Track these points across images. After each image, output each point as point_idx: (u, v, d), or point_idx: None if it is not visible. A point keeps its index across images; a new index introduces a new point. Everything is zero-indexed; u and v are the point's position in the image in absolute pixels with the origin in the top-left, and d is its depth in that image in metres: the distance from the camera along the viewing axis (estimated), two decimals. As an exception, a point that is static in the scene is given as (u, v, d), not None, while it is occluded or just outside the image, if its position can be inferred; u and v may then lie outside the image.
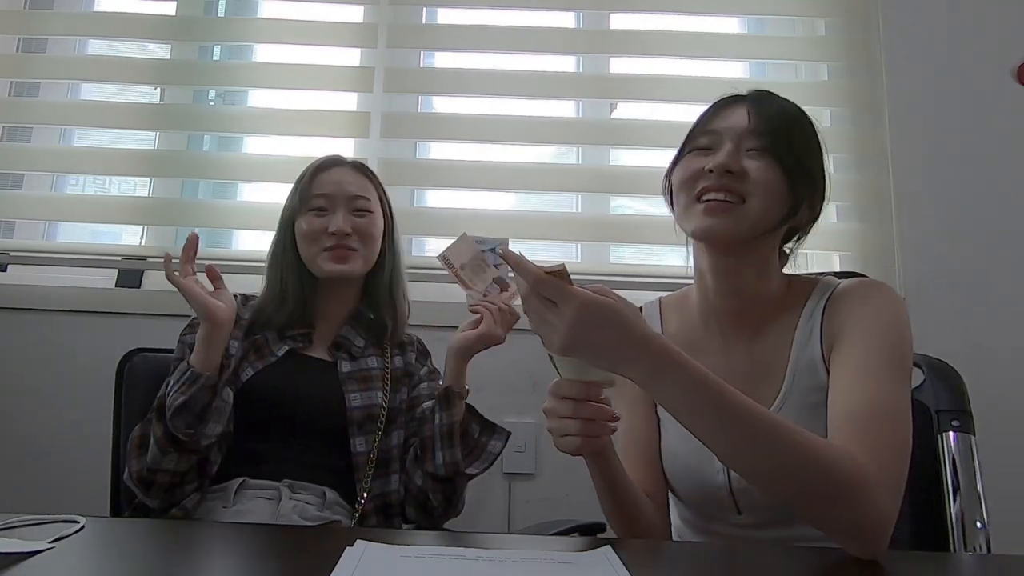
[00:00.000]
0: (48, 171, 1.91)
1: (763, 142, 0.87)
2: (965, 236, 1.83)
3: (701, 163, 0.88)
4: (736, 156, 0.87)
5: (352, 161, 1.28)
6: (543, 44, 1.97)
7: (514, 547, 0.81)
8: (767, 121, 0.88)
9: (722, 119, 0.91)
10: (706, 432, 0.72)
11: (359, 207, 1.21)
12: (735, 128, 0.88)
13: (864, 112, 1.90)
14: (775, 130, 0.88)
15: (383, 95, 1.91)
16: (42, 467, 1.68)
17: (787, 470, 0.71)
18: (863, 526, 0.70)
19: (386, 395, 1.18)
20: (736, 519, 0.91)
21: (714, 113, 0.93)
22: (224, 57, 2.05)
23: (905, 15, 1.92)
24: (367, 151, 1.87)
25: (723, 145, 0.88)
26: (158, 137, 1.95)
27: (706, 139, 0.90)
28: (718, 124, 0.90)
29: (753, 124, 0.88)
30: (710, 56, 1.98)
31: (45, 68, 1.98)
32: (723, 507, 0.91)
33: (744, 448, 0.71)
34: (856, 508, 0.70)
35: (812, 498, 0.71)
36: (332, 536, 0.84)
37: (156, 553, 0.73)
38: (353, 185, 1.23)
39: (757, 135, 0.87)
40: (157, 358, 1.27)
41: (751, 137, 0.88)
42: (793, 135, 0.90)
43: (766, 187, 0.86)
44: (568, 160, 1.99)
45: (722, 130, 0.89)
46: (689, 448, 0.90)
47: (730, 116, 0.90)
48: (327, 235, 1.18)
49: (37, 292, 1.78)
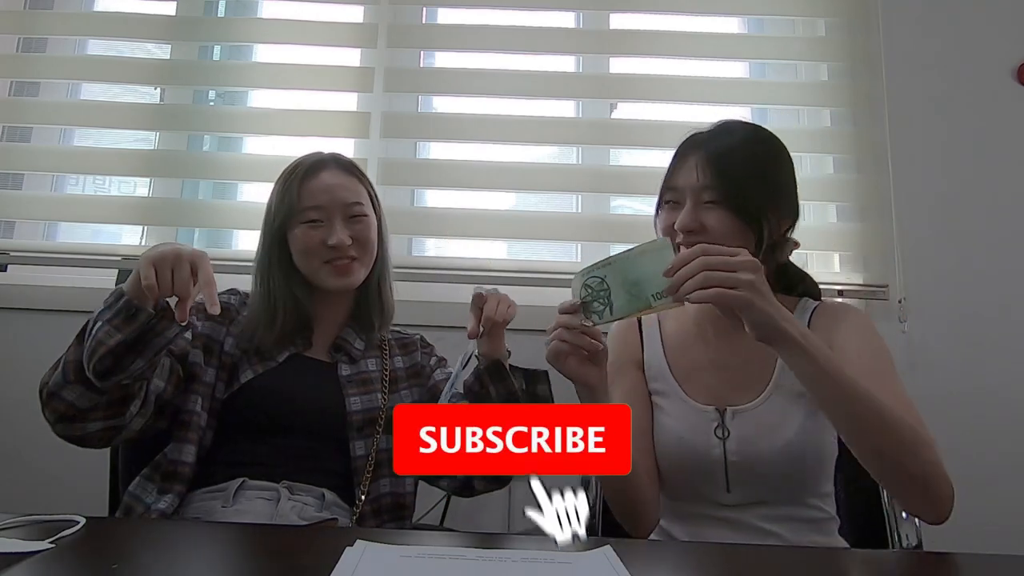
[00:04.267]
0: (48, 171, 1.91)
1: (716, 195, 0.97)
2: (965, 236, 1.83)
3: (672, 219, 1.00)
4: (695, 213, 0.98)
5: (337, 160, 1.23)
6: (543, 44, 1.97)
7: (514, 547, 0.81)
8: (717, 175, 0.97)
9: (681, 174, 1.01)
10: (833, 393, 0.84)
11: (354, 213, 1.18)
12: (691, 185, 0.99)
13: (864, 112, 1.90)
14: (725, 179, 0.97)
15: (383, 95, 1.91)
16: (42, 467, 1.68)
17: (890, 423, 0.83)
18: (938, 482, 0.85)
19: (385, 397, 1.18)
20: (725, 498, 0.98)
21: (676, 166, 1.03)
22: (224, 57, 2.05)
23: (905, 15, 1.92)
24: (367, 151, 1.87)
25: (684, 202, 0.99)
26: (158, 137, 1.95)
27: (671, 195, 1.02)
28: (678, 180, 1.01)
29: (704, 180, 0.98)
30: (710, 56, 1.97)
31: (45, 68, 1.98)
32: (714, 484, 0.98)
33: (857, 402, 0.83)
34: (934, 463, 0.84)
35: (906, 446, 0.84)
36: (332, 536, 0.84)
37: (156, 553, 0.73)
38: (346, 191, 1.18)
39: (710, 189, 0.97)
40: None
41: (705, 191, 0.98)
42: (743, 175, 0.98)
43: (726, 235, 0.96)
44: (568, 160, 1.99)
45: (681, 187, 1.00)
46: (687, 425, 1.00)
47: (686, 170, 1.00)
48: (325, 248, 1.15)
49: (37, 292, 1.78)
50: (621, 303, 0.84)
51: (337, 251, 1.16)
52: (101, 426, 1.00)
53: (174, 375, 1.09)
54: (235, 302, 1.22)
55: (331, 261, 1.16)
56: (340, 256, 1.16)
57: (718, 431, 0.99)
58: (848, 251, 1.86)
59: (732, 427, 0.99)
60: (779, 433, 0.96)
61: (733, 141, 1.02)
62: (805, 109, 1.97)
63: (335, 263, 1.16)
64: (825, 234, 1.90)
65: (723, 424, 0.99)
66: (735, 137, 1.03)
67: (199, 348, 1.14)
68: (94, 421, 0.99)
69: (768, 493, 0.97)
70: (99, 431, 1.01)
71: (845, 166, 1.90)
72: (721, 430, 0.99)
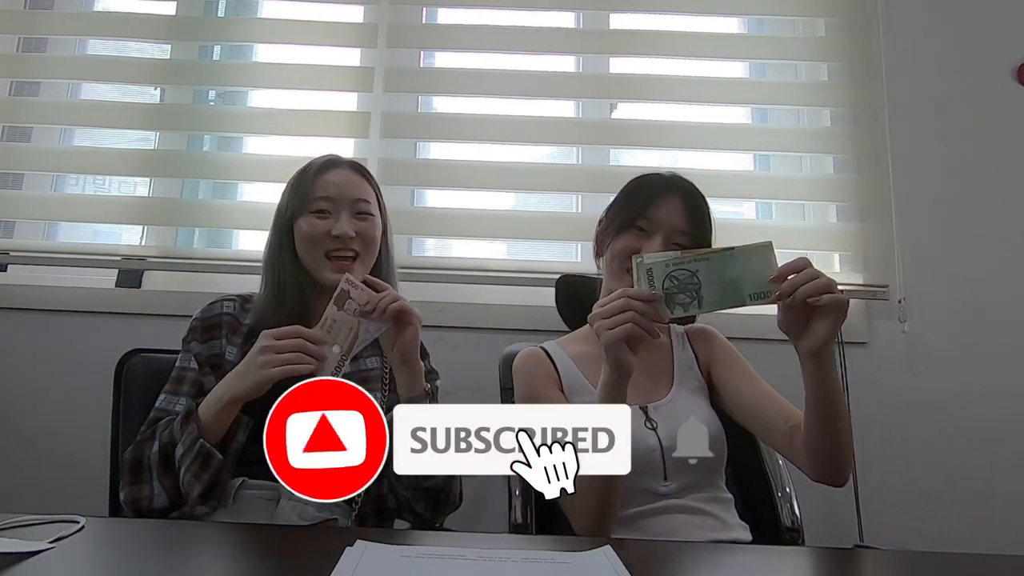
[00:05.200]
0: (48, 171, 1.91)
1: (686, 240, 1.08)
2: (965, 236, 1.83)
3: (637, 245, 1.08)
4: (665, 248, 1.06)
5: (350, 162, 1.27)
6: (543, 44, 1.97)
7: (514, 547, 0.81)
8: (695, 223, 1.10)
9: (663, 210, 1.10)
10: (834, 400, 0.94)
11: (361, 210, 1.20)
12: (670, 223, 1.09)
13: (864, 112, 1.90)
14: (697, 229, 1.09)
15: (383, 95, 1.91)
16: (42, 467, 1.68)
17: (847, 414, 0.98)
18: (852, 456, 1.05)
19: (384, 396, 1.18)
20: (663, 487, 1.05)
21: (653, 198, 1.11)
22: (224, 57, 2.05)
23: (905, 15, 1.92)
24: (367, 151, 1.87)
25: (656, 235, 1.08)
26: (158, 137, 1.95)
27: (645, 223, 1.10)
28: (656, 213, 1.10)
29: (684, 223, 1.09)
30: (710, 56, 1.97)
31: (45, 68, 1.98)
32: (653, 473, 1.05)
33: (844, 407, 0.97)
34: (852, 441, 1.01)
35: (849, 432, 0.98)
36: (332, 536, 0.84)
37: (156, 553, 0.73)
38: (356, 187, 1.21)
39: (684, 234, 1.09)
40: (156, 358, 1.26)
41: (680, 234, 1.09)
42: (707, 229, 1.11)
43: None
44: (568, 160, 1.99)
45: (658, 220, 1.09)
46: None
47: (666, 208, 1.10)
48: (330, 238, 1.17)
49: (37, 292, 1.78)
50: (714, 298, 0.87)
51: (340, 242, 1.16)
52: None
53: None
54: (232, 310, 1.21)
55: (333, 255, 1.17)
56: (342, 249, 1.17)
57: (647, 424, 1.08)
58: (848, 251, 1.86)
59: (656, 419, 1.09)
60: (694, 421, 1.06)
61: (699, 195, 1.14)
62: (805, 109, 1.97)
63: (336, 258, 1.17)
64: (825, 234, 1.90)
65: (648, 418, 1.09)
66: (698, 191, 1.14)
67: (208, 370, 1.14)
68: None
69: (697, 477, 1.07)
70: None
71: (845, 166, 1.90)
72: (649, 423, 1.09)
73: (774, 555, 0.90)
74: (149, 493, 1.02)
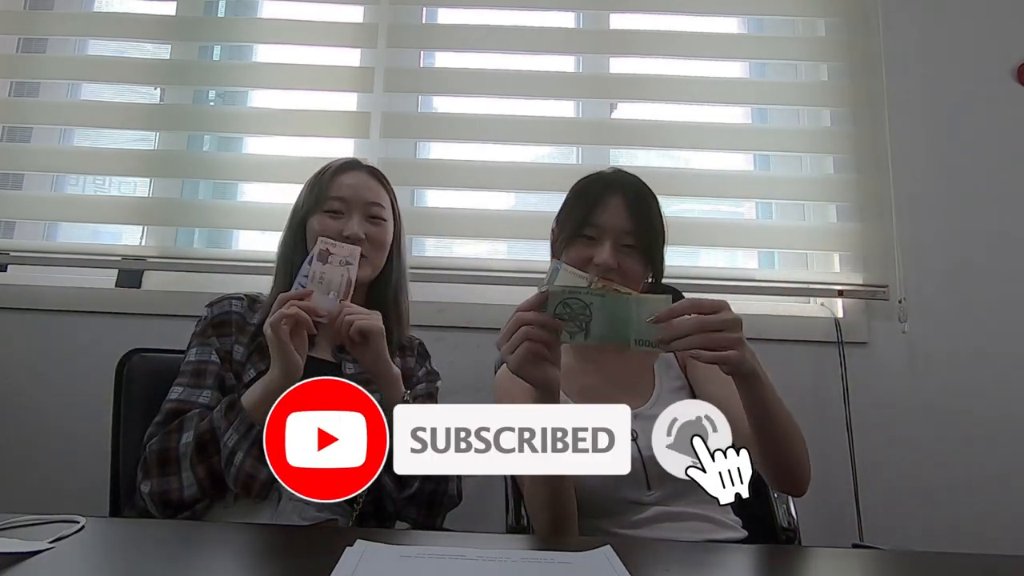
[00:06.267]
0: (48, 171, 1.91)
1: (634, 239, 1.09)
2: (965, 236, 1.83)
3: (589, 253, 1.08)
4: (615, 253, 1.07)
5: (369, 166, 1.28)
6: (543, 44, 1.97)
7: (514, 547, 0.81)
8: (638, 221, 1.09)
9: (605, 215, 1.10)
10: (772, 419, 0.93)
11: (373, 214, 1.21)
12: (615, 227, 1.09)
13: (864, 112, 1.89)
14: (642, 226, 1.09)
15: (383, 95, 1.91)
16: (42, 467, 1.68)
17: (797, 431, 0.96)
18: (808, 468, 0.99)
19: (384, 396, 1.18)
20: (647, 497, 1.04)
21: (596, 205, 1.11)
22: (224, 57, 2.05)
23: (905, 15, 1.92)
24: (367, 151, 1.87)
25: (604, 241, 1.08)
26: (158, 137, 1.95)
27: (592, 231, 1.10)
28: (600, 219, 1.10)
29: (629, 225, 1.09)
30: (710, 56, 1.97)
31: (45, 68, 1.98)
32: (635, 484, 1.04)
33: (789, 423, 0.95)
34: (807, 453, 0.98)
35: (802, 447, 0.97)
36: (332, 536, 0.84)
37: (156, 553, 0.73)
38: (370, 191, 1.22)
39: (632, 234, 1.09)
40: (157, 358, 1.27)
41: (626, 235, 1.09)
42: (655, 224, 1.12)
43: (634, 277, 1.09)
44: (568, 160, 1.99)
45: (604, 226, 1.09)
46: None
47: (610, 212, 1.10)
48: (340, 238, 1.17)
49: (37, 292, 1.78)
50: (601, 333, 0.86)
51: (349, 243, 1.16)
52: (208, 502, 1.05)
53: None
54: (241, 309, 1.22)
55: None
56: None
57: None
58: (848, 251, 1.86)
59: (637, 427, 1.03)
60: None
61: (641, 190, 1.14)
62: (805, 109, 1.97)
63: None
64: (825, 234, 1.90)
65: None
66: (640, 186, 1.14)
67: (227, 366, 1.14)
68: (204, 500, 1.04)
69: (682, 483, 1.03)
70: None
71: (845, 166, 1.89)
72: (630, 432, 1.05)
73: (775, 554, 0.90)
74: (179, 484, 1.02)
